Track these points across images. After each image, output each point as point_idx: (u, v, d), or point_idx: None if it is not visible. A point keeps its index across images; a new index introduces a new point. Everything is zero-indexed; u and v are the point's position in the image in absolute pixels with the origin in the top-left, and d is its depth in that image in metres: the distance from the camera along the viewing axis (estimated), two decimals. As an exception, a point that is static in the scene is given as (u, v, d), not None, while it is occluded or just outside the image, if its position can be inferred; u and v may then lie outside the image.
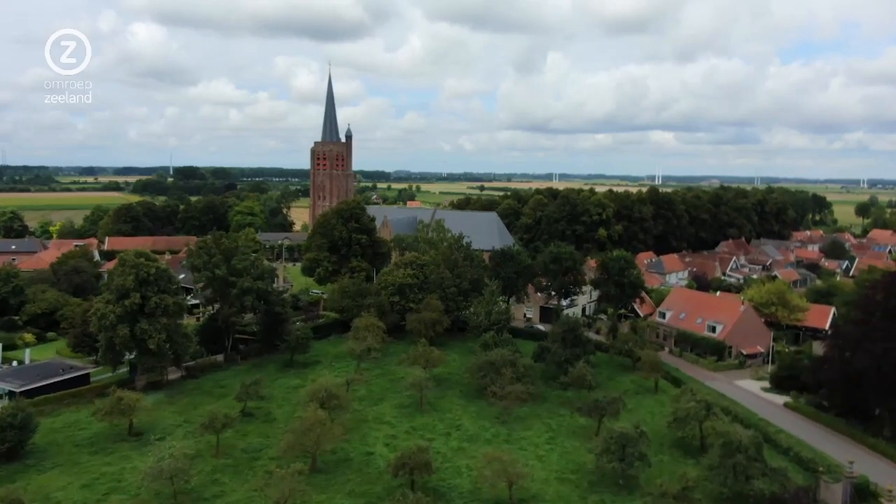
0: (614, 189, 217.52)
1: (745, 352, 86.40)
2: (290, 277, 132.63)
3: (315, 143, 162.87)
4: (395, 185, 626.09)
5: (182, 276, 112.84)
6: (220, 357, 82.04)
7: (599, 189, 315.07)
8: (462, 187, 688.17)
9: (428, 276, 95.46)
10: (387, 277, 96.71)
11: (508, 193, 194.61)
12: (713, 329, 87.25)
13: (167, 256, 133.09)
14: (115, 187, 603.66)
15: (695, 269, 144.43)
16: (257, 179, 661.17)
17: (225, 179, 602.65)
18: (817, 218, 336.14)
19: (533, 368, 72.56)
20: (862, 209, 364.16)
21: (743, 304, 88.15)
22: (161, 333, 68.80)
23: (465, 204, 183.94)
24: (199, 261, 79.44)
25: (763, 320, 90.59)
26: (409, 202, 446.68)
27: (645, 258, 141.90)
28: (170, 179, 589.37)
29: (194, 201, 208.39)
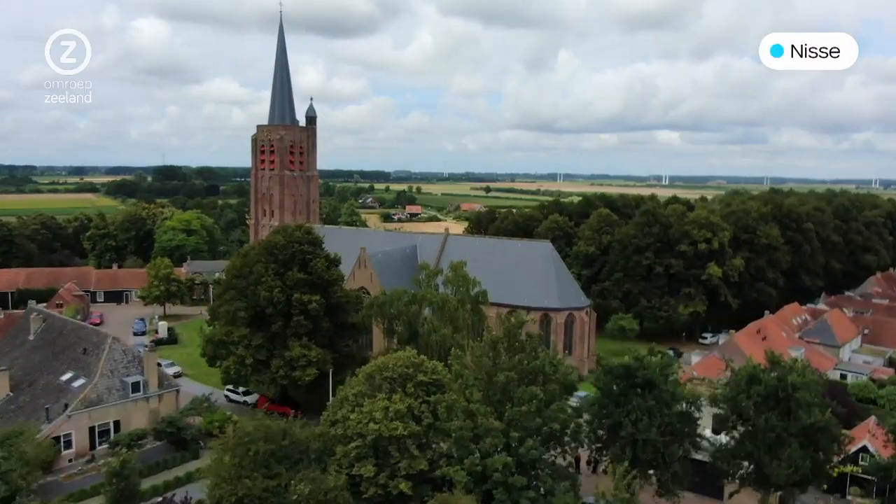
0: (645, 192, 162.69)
1: None
2: (184, 367, 78.11)
3: (258, 127, 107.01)
4: (394, 186, 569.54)
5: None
6: None
7: (607, 190, 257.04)
8: (465, 188, 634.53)
9: (442, 419, 40.97)
10: (351, 416, 42.11)
11: (546, 203, 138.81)
12: None
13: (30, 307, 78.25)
14: (91, 188, 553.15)
15: (867, 332, 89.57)
16: (249, 180, 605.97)
17: (210, 180, 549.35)
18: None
19: None
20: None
21: None
22: None
23: (488, 221, 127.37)
24: None
25: None
26: (408, 206, 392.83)
27: (793, 315, 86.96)
28: (149, 180, 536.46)
29: (110, 216, 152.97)
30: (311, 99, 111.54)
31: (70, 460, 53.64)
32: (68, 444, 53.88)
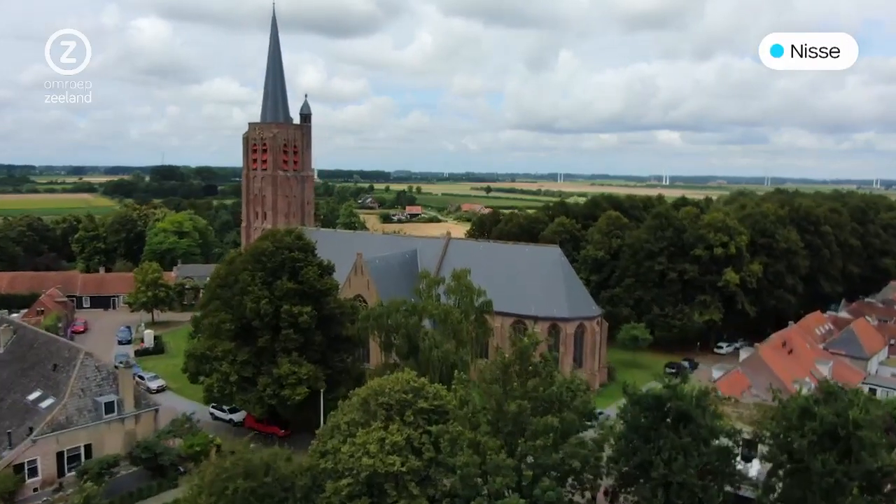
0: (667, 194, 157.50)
1: None
2: (169, 379, 73.91)
3: (250, 125, 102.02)
4: (394, 186, 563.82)
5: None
6: None
7: (607, 190, 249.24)
8: (465, 188, 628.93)
9: (445, 452, 36.07)
10: (342, 448, 37.26)
11: (550, 204, 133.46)
12: None
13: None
14: (88, 188, 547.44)
15: (894, 342, 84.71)
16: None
17: (208, 180, 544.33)
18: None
19: None
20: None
21: None
22: None
23: (491, 223, 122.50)
24: None
25: None
26: (408, 206, 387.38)
27: (816, 324, 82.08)
28: (147, 179, 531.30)
29: (100, 217, 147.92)
30: (306, 96, 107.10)
31: (35, 489, 48.83)
32: (33, 472, 49.04)
